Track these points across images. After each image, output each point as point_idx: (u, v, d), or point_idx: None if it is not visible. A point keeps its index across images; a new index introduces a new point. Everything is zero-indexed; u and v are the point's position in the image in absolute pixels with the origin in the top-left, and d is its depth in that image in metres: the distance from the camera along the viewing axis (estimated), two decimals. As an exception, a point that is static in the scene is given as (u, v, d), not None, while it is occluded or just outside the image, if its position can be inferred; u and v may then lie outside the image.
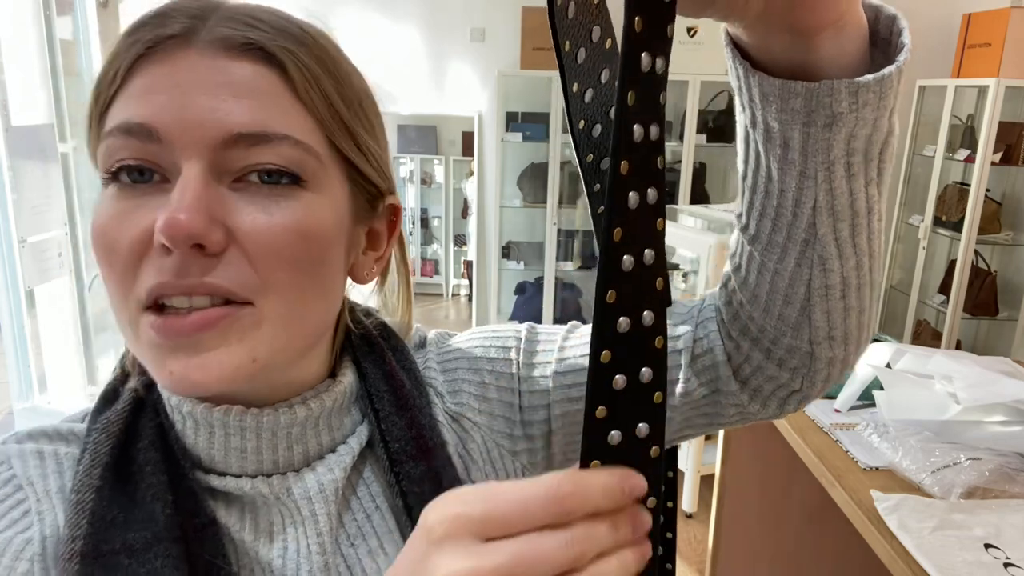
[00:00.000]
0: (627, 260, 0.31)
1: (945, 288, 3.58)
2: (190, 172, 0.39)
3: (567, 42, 0.42)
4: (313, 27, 0.45)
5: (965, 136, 3.51)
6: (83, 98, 2.13)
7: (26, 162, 1.95)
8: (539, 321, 0.63)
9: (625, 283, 0.31)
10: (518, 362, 0.53)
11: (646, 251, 0.32)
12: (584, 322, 0.58)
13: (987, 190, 3.35)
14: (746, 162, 0.44)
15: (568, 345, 0.53)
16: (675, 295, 3.03)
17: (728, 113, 3.80)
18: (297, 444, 0.46)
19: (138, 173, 0.40)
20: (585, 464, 0.32)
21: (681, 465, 2.67)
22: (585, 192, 0.46)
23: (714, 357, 0.49)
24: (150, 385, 0.48)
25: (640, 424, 0.32)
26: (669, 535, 0.57)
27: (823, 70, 0.38)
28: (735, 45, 0.40)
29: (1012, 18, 3.13)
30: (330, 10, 3.41)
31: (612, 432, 0.32)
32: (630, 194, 0.31)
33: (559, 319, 4.02)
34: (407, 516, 0.47)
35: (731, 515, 1.92)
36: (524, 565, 0.28)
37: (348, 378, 0.50)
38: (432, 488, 0.47)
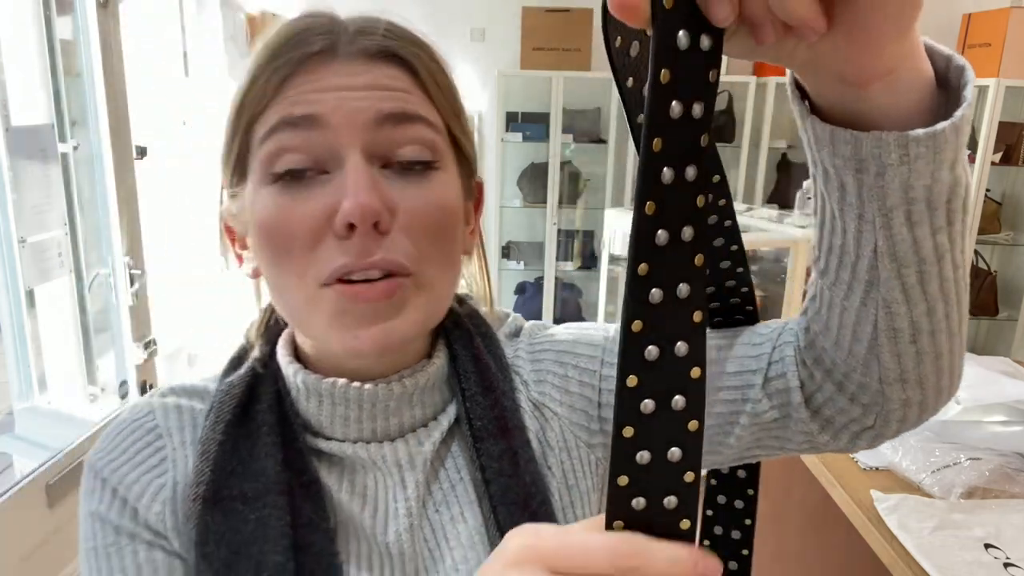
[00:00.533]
0: (661, 234, 0.30)
1: (945, 288, 3.59)
2: (354, 158, 0.45)
3: (618, 38, 0.43)
4: (422, 34, 0.52)
5: (965, 136, 3.51)
6: (83, 98, 2.14)
7: (26, 162, 1.95)
8: (539, 319, 0.66)
9: (659, 257, 0.30)
10: (602, 360, 0.56)
11: (684, 228, 0.30)
12: (584, 320, 0.58)
13: (987, 190, 3.35)
14: (815, 195, 0.44)
15: None
16: (675, 295, 3.03)
17: (728, 113, 3.79)
18: (393, 416, 0.52)
19: (294, 175, 0.46)
20: (617, 432, 0.31)
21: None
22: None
23: (787, 382, 0.49)
24: (271, 355, 0.54)
25: (676, 397, 0.31)
26: (745, 552, 0.60)
27: (876, 120, 0.36)
28: (797, 84, 0.39)
29: (1012, 18, 3.12)
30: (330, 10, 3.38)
31: (645, 400, 0.31)
32: (664, 169, 0.30)
33: (559, 319, 4.01)
34: (485, 489, 0.51)
35: (731, 515, 1.91)
36: None
37: (440, 360, 0.55)
38: (510, 465, 0.51)
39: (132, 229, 2.25)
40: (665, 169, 0.29)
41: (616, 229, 3.13)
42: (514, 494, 0.51)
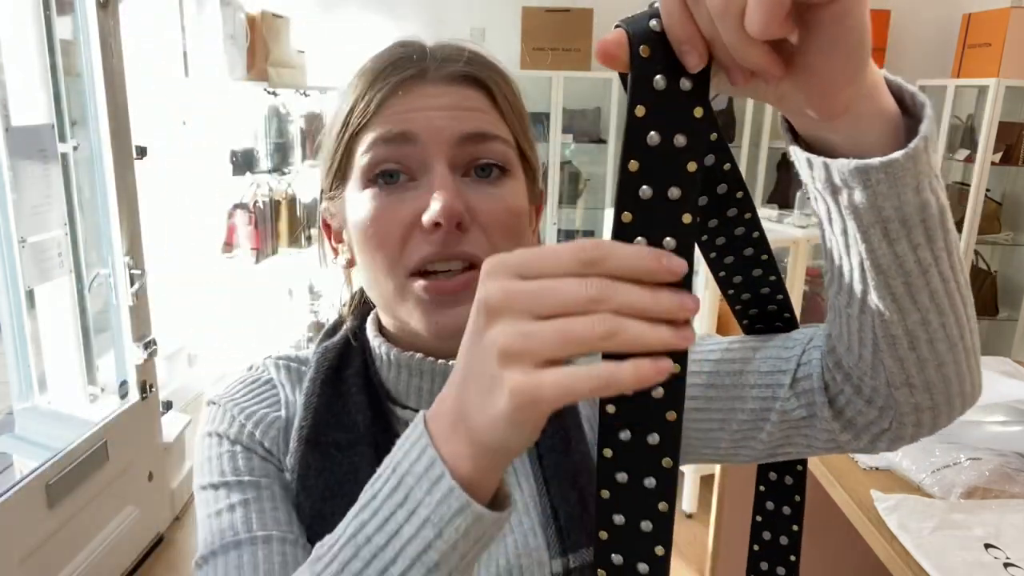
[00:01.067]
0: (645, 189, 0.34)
1: (945, 288, 3.59)
2: (440, 168, 0.53)
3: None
4: (499, 61, 0.61)
5: (965, 136, 3.51)
6: (83, 98, 2.13)
7: (26, 162, 1.95)
8: None
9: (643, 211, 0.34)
10: None
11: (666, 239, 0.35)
12: None
13: (987, 190, 3.35)
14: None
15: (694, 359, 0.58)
16: (675, 295, 3.03)
17: (728, 113, 3.79)
18: None
19: (389, 176, 0.54)
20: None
21: (681, 465, 2.67)
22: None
23: (812, 383, 0.52)
24: (360, 327, 0.63)
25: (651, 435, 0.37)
26: (792, 558, 0.63)
27: (845, 148, 0.40)
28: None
29: (1012, 18, 3.13)
30: (330, 10, 3.41)
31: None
32: (643, 187, 0.35)
33: (559, 319, 4.00)
34: (539, 463, 0.57)
35: (731, 515, 1.91)
36: (563, 332, 0.32)
37: None
38: (561, 444, 0.57)
39: (132, 229, 2.25)
40: (644, 187, 0.34)
41: (616, 229, 3.13)
42: (564, 469, 0.57)
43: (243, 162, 3.02)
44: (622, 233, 0.34)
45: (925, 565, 0.95)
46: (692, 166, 0.34)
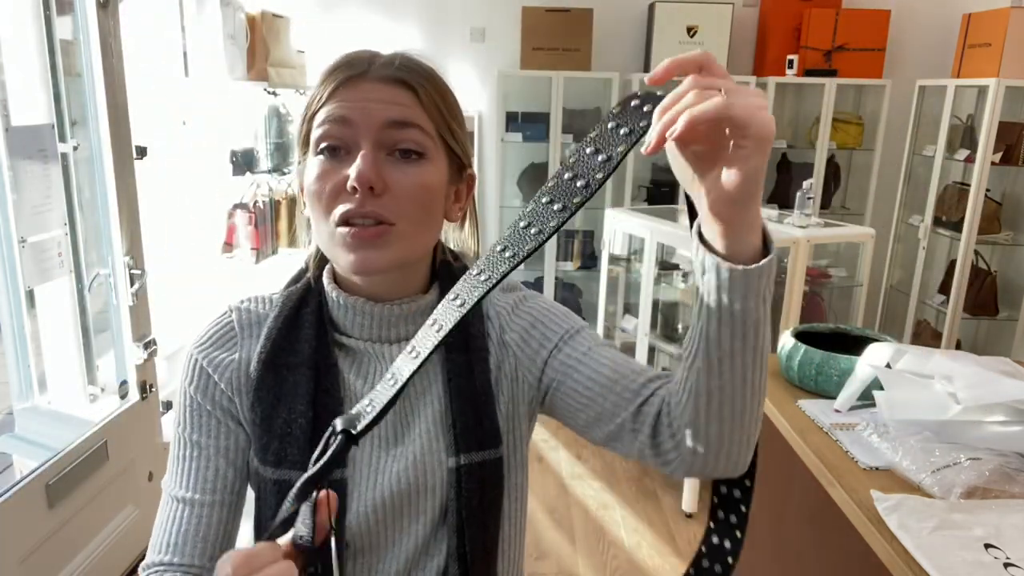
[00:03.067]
0: None
1: (945, 288, 3.58)
2: (366, 147, 0.68)
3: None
4: (432, 67, 0.74)
5: (965, 136, 3.51)
6: (83, 98, 2.13)
7: (26, 162, 1.95)
8: None
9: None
10: (558, 344, 0.77)
11: None
12: (584, 319, 0.79)
13: (987, 190, 3.35)
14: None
15: (588, 358, 0.75)
16: (675, 294, 3.03)
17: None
18: (393, 328, 0.77)
19: (333, 150, 0.69)
20: None
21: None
22: None
23: (650, 411, 0.70)
24: (318, 277, 0.79)
25: None
26: (730, 560, 0.72)
27: (721, 243, 0.55)
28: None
29: (1012, 18, 3.13)
30: (330, 10, 3.40)
31: None
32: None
33: (559, 319, 4.00)
34: (447, 385, 0.76)
35: (731, 515, 1.91)
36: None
37: (432, 294, 0.79)
38: (466, 371, 0.76)
39: (132, 229, 2.25)
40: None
41: (616, 229, 3.13)
42: (466, 392, 0.75)
43: (243, 162, 3.02)
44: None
45: (925, 565, 0.95)
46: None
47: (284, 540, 0.51)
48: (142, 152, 2.30)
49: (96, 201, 2.21)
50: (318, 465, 0.51)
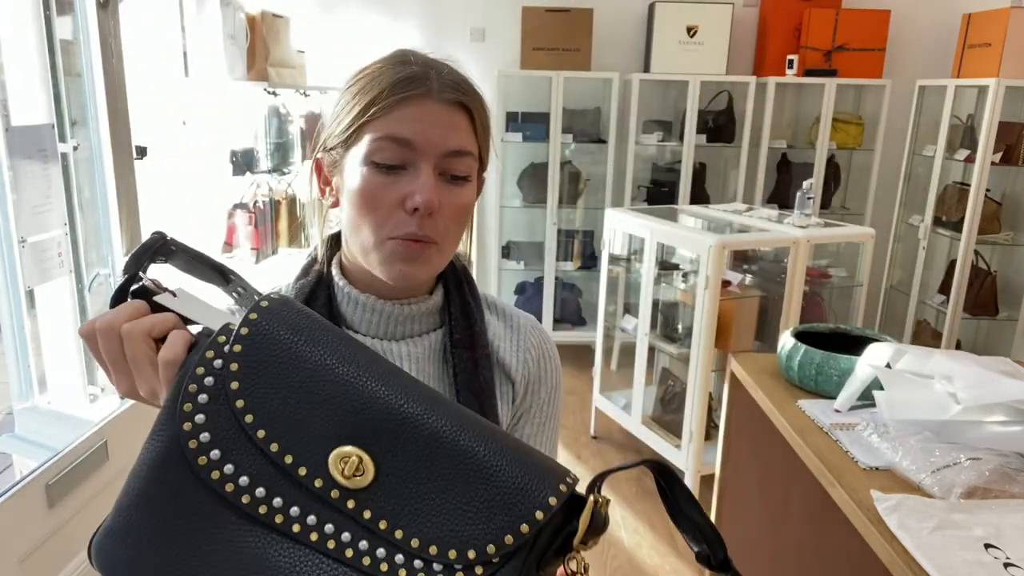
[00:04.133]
0: None
1: (945, 288, 3.58)
2: (428, 170, 0.71)
3: None
4: (478, 88, 0.77)
5: (965, 136, 3.51)
6: (83, 98, 2.13)
7: (26, 162, 1.95)
8: (539, 319, 0.82)
9: None
10: (523, 397, 0.86)
11: None
12: (584, 320, 0.96)
13: (987, 190, 3.35)
14: None
15: (537, 422, 0.87)
16: (675, 295, 3.03)
17: (728, 113, 3.79)
18: (400, 326, 0.80)
19: (389, 167, 0.71)
20: None
21: (681, 465, 2.67)
22: None
23: None
24: (326, 271, 0.81)
25: None
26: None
27: None
28: None
29: (1012, 18, 3.13)
30: (330, 10, 3.39)
31: None
32: None
33: (559, 319, 4.02)
34: (453, 380, 0.79)
35: (731, 515, 1.91)
36: None
37: (438, 296, 0.83)
38: (471, 367, 0.79)
39: (132, 229, 2.24)
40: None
41: (616, 229, 3.13)
42: (472, 385, 0.78)
43: (243, 162, 3.02)
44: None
45: (925, 565, 0.95)
46: None
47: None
48: (142, 152, 2.30)
49: (96, 201, 2.21)
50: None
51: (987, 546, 0.99)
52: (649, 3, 3.71)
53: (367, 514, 0.43)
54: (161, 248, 0.60)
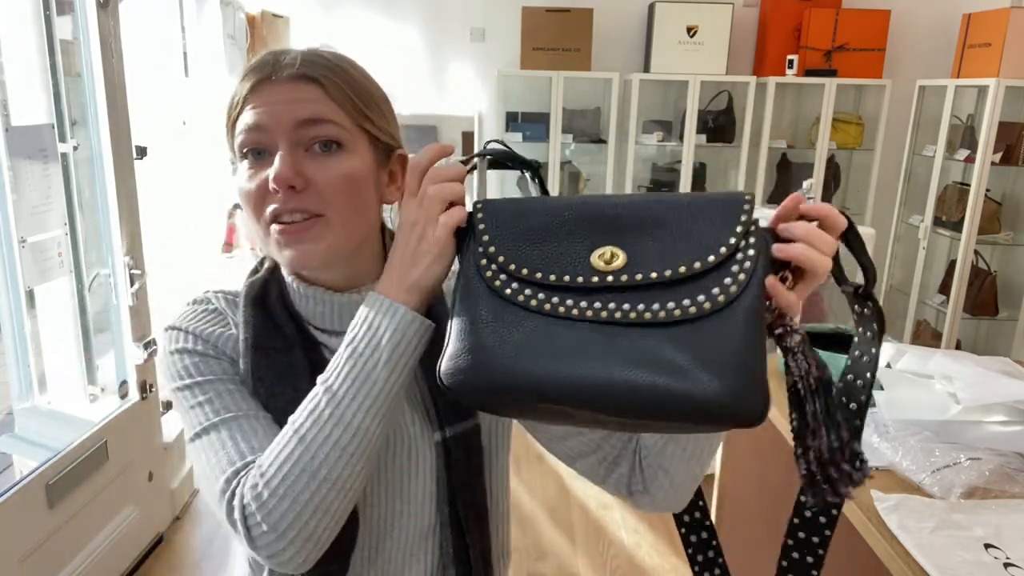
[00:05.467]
0: None
1: (945, 288, 3.58)
2: (282, 146, 0.70)
3: None
4: (341, 59, 0.75)
5: (965, 136, 3.51)
6: (83, 98, 2.13)
7: (26, 162, 1.95)
8: None
9: None
10: None
11: None
12: None
13: (987, 190, 3.35)
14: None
15: None
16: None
17: (728, 113, 3.79)
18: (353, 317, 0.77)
19: (256, 153, 0.71)
20: None
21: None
22: None
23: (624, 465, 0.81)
24: (276, 267, 0.80)
25: None
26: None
27: None
28: None
29: (1012, 18, 3.13)
30: (330, 10, 3.40)
31: None
32: None
33: (559, 319, 4.00)
34: (420, 362, 0.70)
35: (731, 515, 1.91)
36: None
37: None
38: (438, 349, 0.72)
39: (132, 229, 2.25)
40: None
41: (616, 229, 3.13)
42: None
43: (243, 162, 3.02)
44: None
45: (925, 565, 0.95)
46: None
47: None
48: (142, 152, 2.30)
49: (96, 201, 2.21)
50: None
51: (987, 546, 0.99)
52: (649, 3, 3.71)
53: (624, 278, 0.56)
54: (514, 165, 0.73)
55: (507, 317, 0.57)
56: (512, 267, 0.59)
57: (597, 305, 0.56)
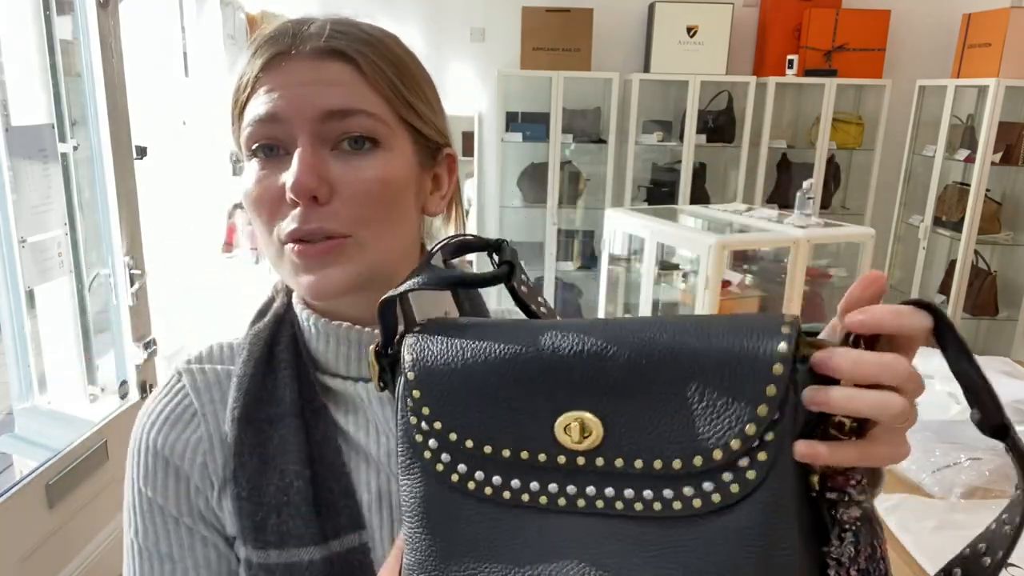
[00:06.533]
0: None
1: (945, 288, 3.58)
2: (303, 144, 0.55)
3: None
4: (378, 30, 0.61)
5: (965, 136, 3.51)
6: (83, 98, 2.13)
7: (26, 162, 1.95)
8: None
9: None
10: None
11: None
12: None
13: (987, 190, 3.35)
14: None
15: None
16: (675, 295, 3.03)
17: (728, 113, 3.79)
18: None
19: (268, 149, 0.57)
20: None
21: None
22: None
23: None
24: (289, 305, 0.65)
25: None
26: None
27: None
28: None
29: (1012, 18, 3.13)
30: (331, 10, 3.40)
31: None
32: None
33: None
34: None
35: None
36: None
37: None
38: None
39: (132, 229, 2.25)
40: None
41: (616, 229, 3.13)
42: None
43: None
44: None
45: (925, 565, 0.95)
46: None
47: None
48: (142, 152, 2.30)
49: (96, 201, 2.21)
50: None
51: (987, 546, 0.99)
52: (649, 3, 3.71)
53: (600, 461, 0.41)
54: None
55: (456, 514, 0.44)
56: (452, 436, 0.43)
57: (570, 490, 0.42)
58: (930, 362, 1.40)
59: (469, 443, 0.43)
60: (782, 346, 0.37)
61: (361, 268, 0.57)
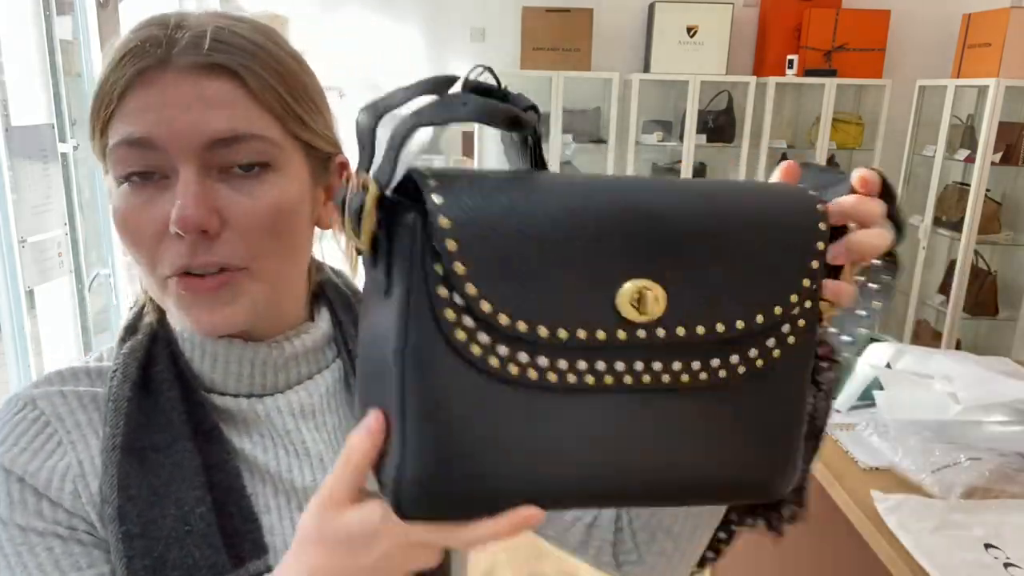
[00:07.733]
0: None
1: (945, 288, 3.58)
2: (187, 174, 0.49)
3: None
4: (260, 31, 0.54)
5: (965, 136, 3.51)
6: (83, 98, 2.14)
7: (26, 162, 1.95)
8: None
9: None
10: None
11: None
12: None
13: (987, 190, 3.35)
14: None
15: None
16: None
17: (728, 113, 3.79)
18: (281, 372, 0.59)
19: (144, 175, 0.51)
20: None
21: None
22: None
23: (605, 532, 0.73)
24: (162, 320, 0.59)
25: None
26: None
27: None
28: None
29: (1012, 18, 3.12)
30: (330, 10, 3.41)
31: None
32: None
33: (559, 319, 4.00)
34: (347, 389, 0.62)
35: None
36: None
37: (325, 323, 0.62)
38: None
39: (132, 229, 2.24)
40: None
41: (616, 229, 3.13)
42: None
43: (243, 162, 3.02)
44: None
45: (925, 565, 0.95)
46: None
47: None
48: (142, 152, 2.30)
49: (96, 201, 2.21)
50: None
51: (987, 546, 0.99)
52: (649, 3, 3.71)
53: (661, 332, 0.38)
54: None
55: (495, 399, 0.37)
56: (502, 319, 0.36)
57: (619, 367, 0.38)
58: (930, 362, 1.40)
59: (523, 325, 0.36)
60: (822, 226, 0.43)
61: (257, 300, 0.53)
